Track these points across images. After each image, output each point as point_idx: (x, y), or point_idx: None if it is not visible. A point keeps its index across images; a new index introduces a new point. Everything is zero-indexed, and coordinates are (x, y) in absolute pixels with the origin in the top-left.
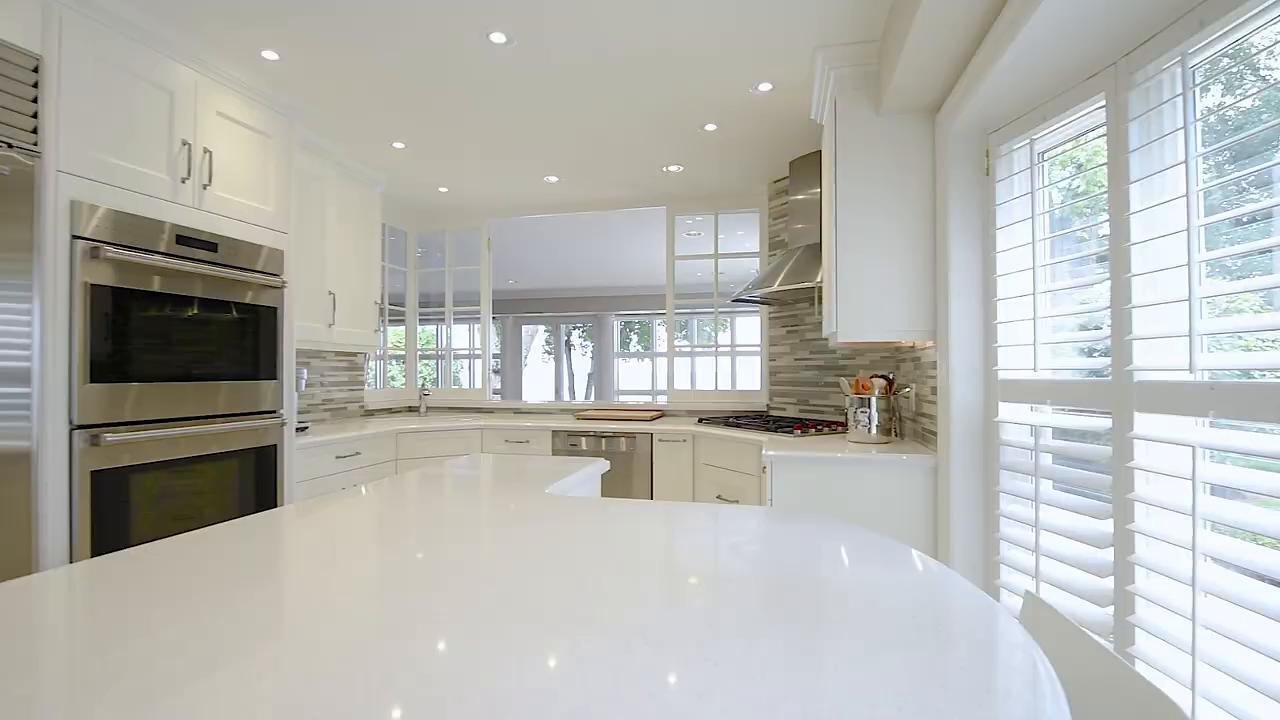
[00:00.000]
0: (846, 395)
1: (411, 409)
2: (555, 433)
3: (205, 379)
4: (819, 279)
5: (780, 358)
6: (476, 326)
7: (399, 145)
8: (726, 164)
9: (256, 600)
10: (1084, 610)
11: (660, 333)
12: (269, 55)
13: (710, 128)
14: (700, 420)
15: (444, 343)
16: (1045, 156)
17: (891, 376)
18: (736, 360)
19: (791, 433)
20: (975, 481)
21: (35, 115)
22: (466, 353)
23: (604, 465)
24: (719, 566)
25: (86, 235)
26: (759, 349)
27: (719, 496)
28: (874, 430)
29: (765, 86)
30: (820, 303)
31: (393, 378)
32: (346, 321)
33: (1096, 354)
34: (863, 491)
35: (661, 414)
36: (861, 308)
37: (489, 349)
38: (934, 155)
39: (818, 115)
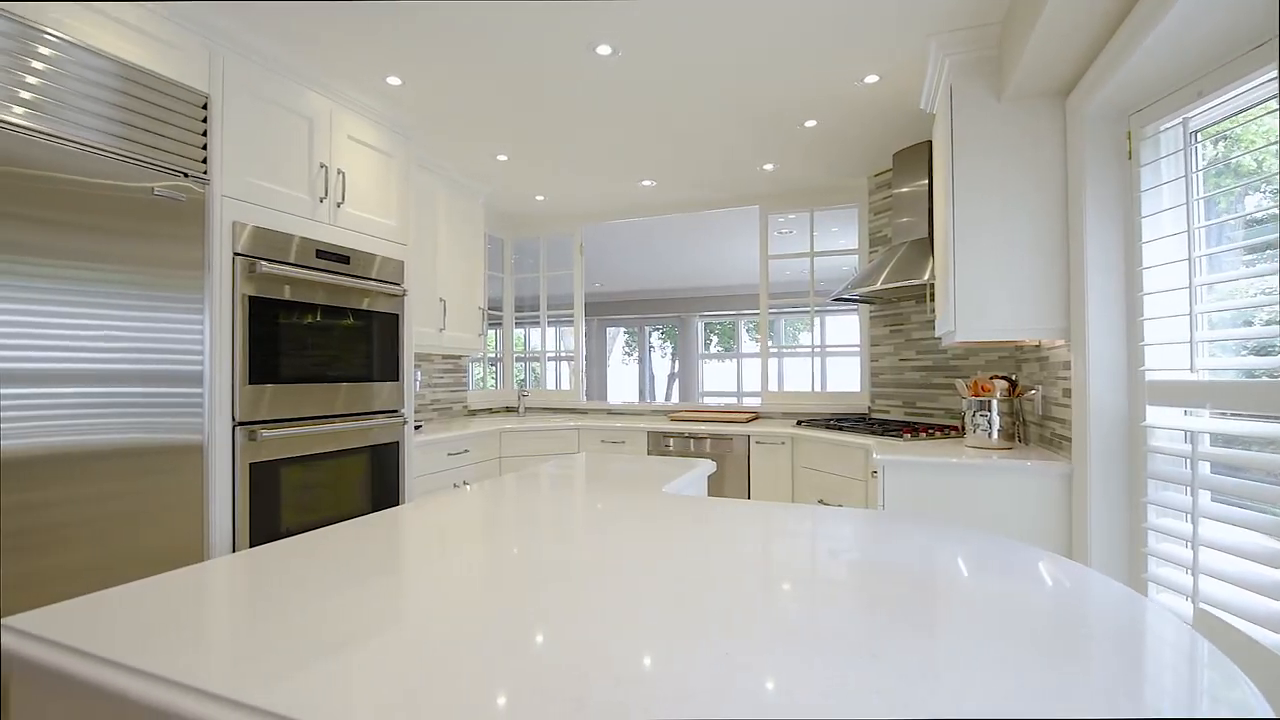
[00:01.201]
0: (963, 398)
1: (510, 409)
2: (650, 433)
3: (338, 380)
4: (927, 275)
5: (883, 358)
6: (562, 329)
7: (502, 157)
8: (824, 160)
9: (413, 581)
10: (1255, 635)
11: (743, 333)
12: (393, 81)
13: (810, 124)
14: (799, 423)
15: (539, 345)
16: (1200, 136)
17: (1014, 378)
18: (827, 360)
19: (900, 436)
20: (1117, 491)
21: (204, 147)
22: (553, 355)
23: (711, 466)
24: (863, 567)
25: (244, 252)
26: (857, 349)
27: (820, 501)
28: (995, 435)
29: (871, 78)
30: (932, 300)
31: (480, 379)
32: (455, 326)
33: (1273, 352)
34: (983, 499)
35: (756, 416)
36: (982, 305)
37: (581, 351)
38: (1064, 140)
39: (927, 105)
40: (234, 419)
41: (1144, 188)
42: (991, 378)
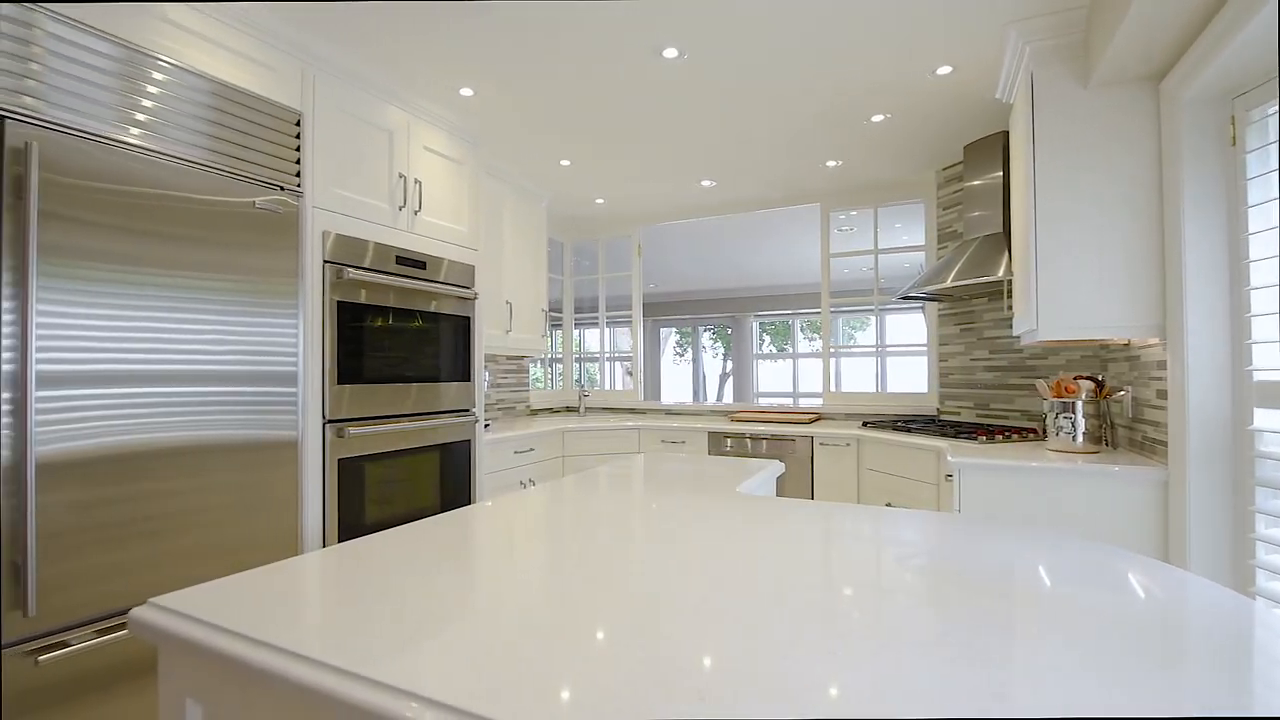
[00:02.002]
0: (1044, 399)
1: (570, 409)
2: (710, 434)
3: (415, 381)
4: (1002, 272)
5: (953, 358)
6: (615, 330)
7: (565, 162)
8: (890, 155)
9: (516, 571)
10: None
11: (798, 333)
12: (466, 92)
13: (878, 119)
14: (864, 424)
15: (593, 346)
16: None
17: (1100, 378)
18: (888, 360)
19: (974, 439)
20: (1220, 499)
21: (298, 162)
22: (609, 355)
23: (780, 468)
24: (958, 570)
25: (333, 260)
26: (920, 348)
27: (887, 503)
28: (1080, 438)
29: (945, 70)
30: (1008, 298)
31: (537, 379)
32: (520, 328)
33: None
34: (1067, 505)
35: (818, 416)
36: (1067, 302)
37: (640, 352)
38: (1158, 127)
39: (1004, 95)
40: (324, 417)
41: (1250, 175)
42: (1076, 378)
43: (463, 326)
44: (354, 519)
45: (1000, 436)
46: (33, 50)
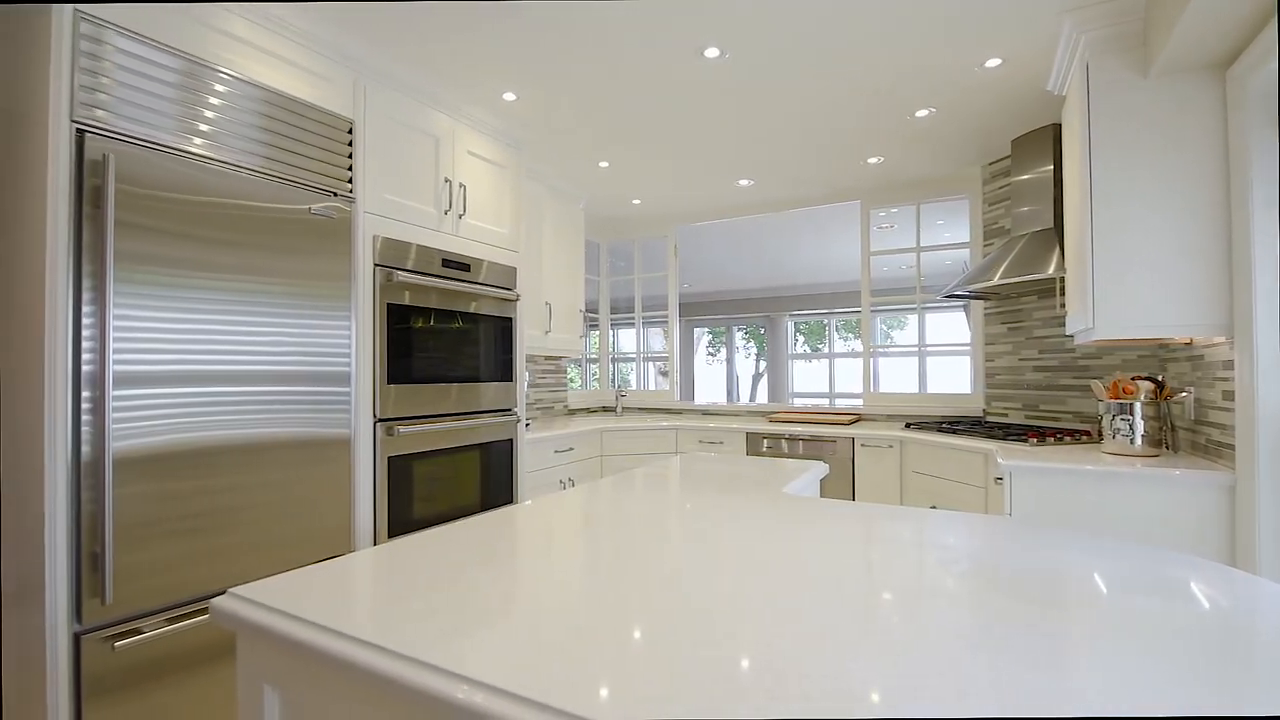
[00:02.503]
0: (1100, 400)
1: (606, 409)
2: (749, 434)
3: (459, 381)
4: (1053, 269)
5: (999, 358)
6: (647, 330)
7: (604, 164)
8: (934, 150)
9: (580, 565)
10: None
11: (832, 333)
12: (508, 96)
13: (922, 114)
14: (907, 425)
15: (627, 347)
16: None
17: (1160, 379)
18: (927, 360)
19: (1025, 441)
20: None
21: (350, 169)
22: (634, 356)
23: (824, 469)
24: (1025, 574)
25: (382, 263)
26: (965, 348)
27: (932, 506)
28: (1139, 441)
29: (994, 62)
30: (1060, 295)
31: (571, 379)
32: (559, 328)
33: None
34: (1125, 510)
35: (858, 417)
36: (1126, 300)
37: (676, 352)
38: (1224, 116)
39: (1055, 86)
40: (375, 416)
41: None
42: (1134, 378)
43: (505, 327)
44: (403, 515)
45: (1052, 439)
46: (103, 65)
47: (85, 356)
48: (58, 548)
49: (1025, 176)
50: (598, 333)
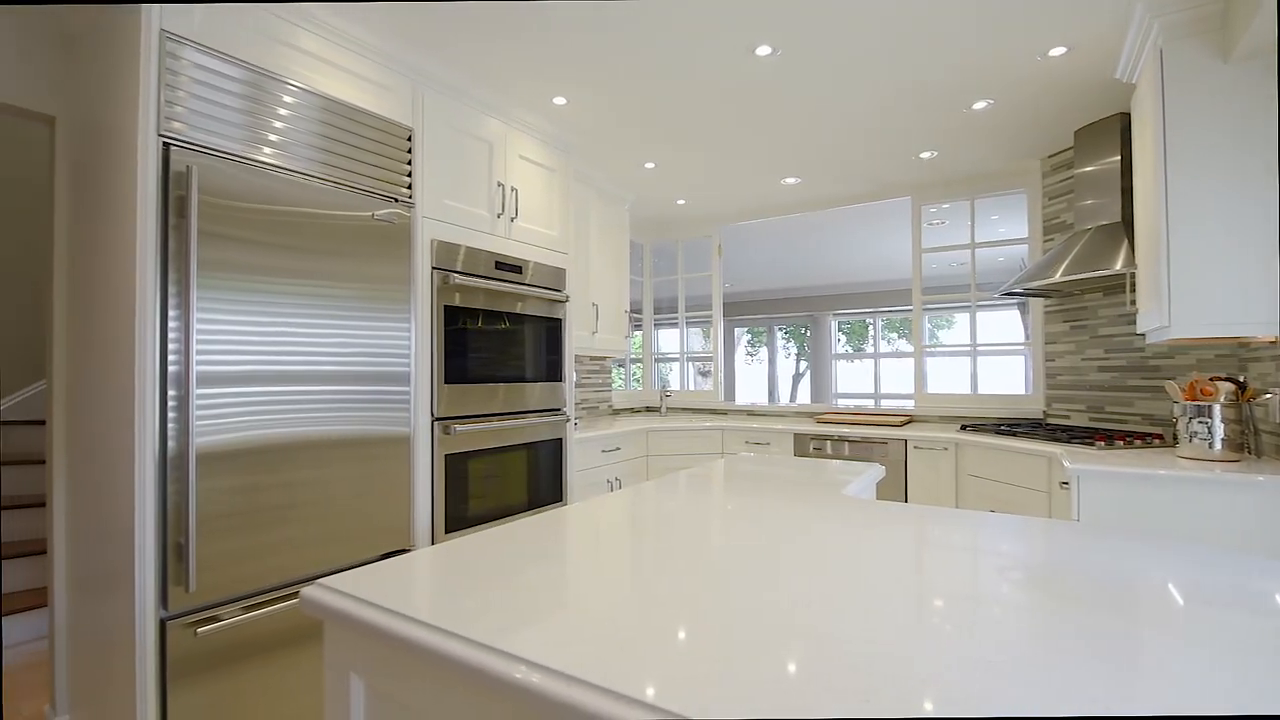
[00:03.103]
0: (1175, 402)
1: (650, 409)
2: (797, 435)
3: (511, 381)
4: (1120, 264)
5: (1061, 357)
6: (688, 330)
7: (649, 165)
8: (991, 143)
9: (651, 562)
10: None
11: (875, 332)
12: (559, 101)
13: (980, 106)
14: (963, 427)
15: (668, 347)
16: None
17: (1242, 379)
18: (979, 360)
19: (1091, 444)
20: None
21: (409, 175)
22: (677, 356)
23: (880, 471)
24: (1107, 580)
25: (439, 266)
26: (1019, 348)
27: (991, 512)
28: (1218, 445)
29: (1058, 51)
30: (1132, 291)
31: (613, 380)
32: (605, 329)
33: None
34: (1203, 518)
35: (910, 418)
36: (1205, 297)
37: (719, 352)
38: None
39: (1125, 74)
40: (433, 415)
41: None
42: (1213, 379)
43: (555, 328)
44: (458, 511)
45: (1121, 442)
46: (182, 80)
47: (171, 358)
48: (147, 538)
49: (1090, 168)
50: (640, 333)
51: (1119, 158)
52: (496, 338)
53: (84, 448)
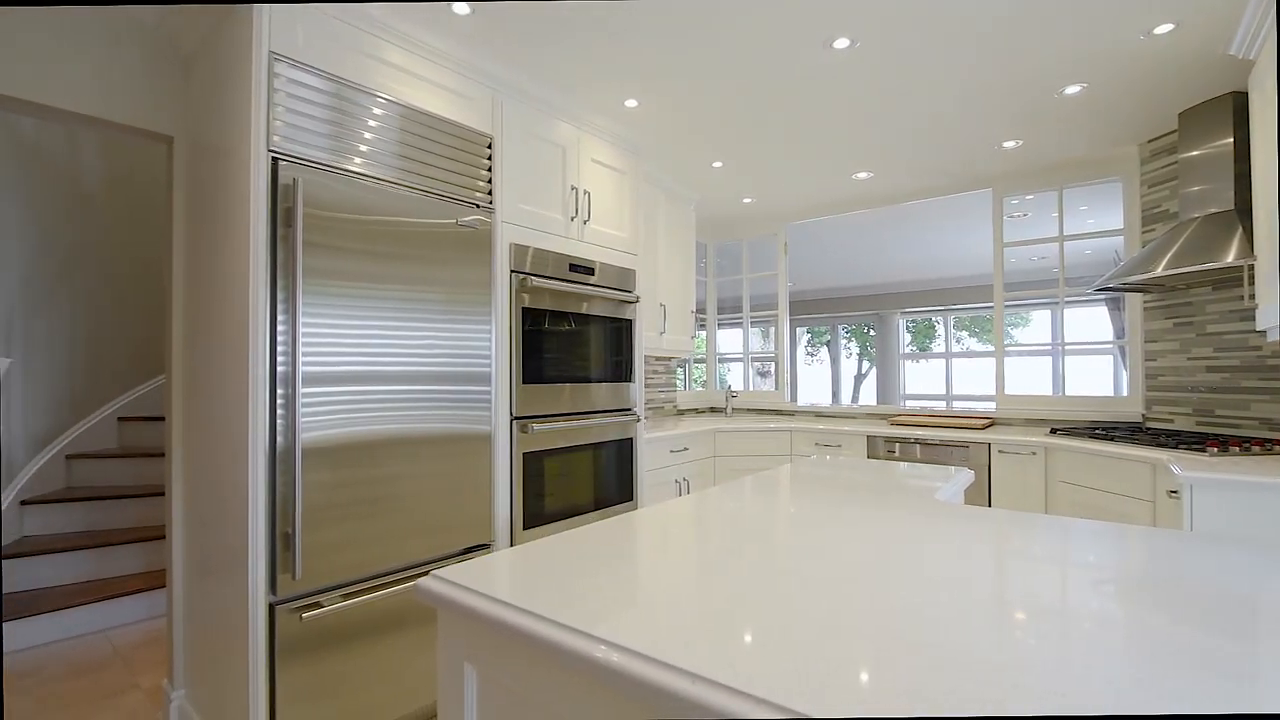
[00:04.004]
0: None
1: (715, 409)
2: (870, 437)
3: (584, 381)
4: (1233, 256)
5: (1163, 357)
6: (749, 330)
7: (717, 164)
8: (1083, 129)
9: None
10: None
11: (942, 331)
12: (630, 103)
13: (1072, 90)
14: (1053, 430)
15: (729, 347)
16: None
17: None
18: (1065, 359)
19: (1203, 450)
20: None
21: (490, 181)
22: (738, 356)
23: (970, 475)
24: (1250, 594)
25: (518, 269)
26: (1109, 346)
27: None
28: None
29: (1164, 28)
30: (1250, 285)
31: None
32: (672, 329)
33: None
34: None
35: (992, 421)
36: None
37: (786, 352)
38: None
39: (1241, 50)
40: (512, 414)
41: None
42: None
43: (625, 328)
44: (534, 507)
45: (1237, 448)
46: (283, 97)
47: (279, 359)
48: (258, 528)
49: (1197, 153)
50: (703, 333)
51: (1232, 140)
52: (570, 338)
53: (199, 442)
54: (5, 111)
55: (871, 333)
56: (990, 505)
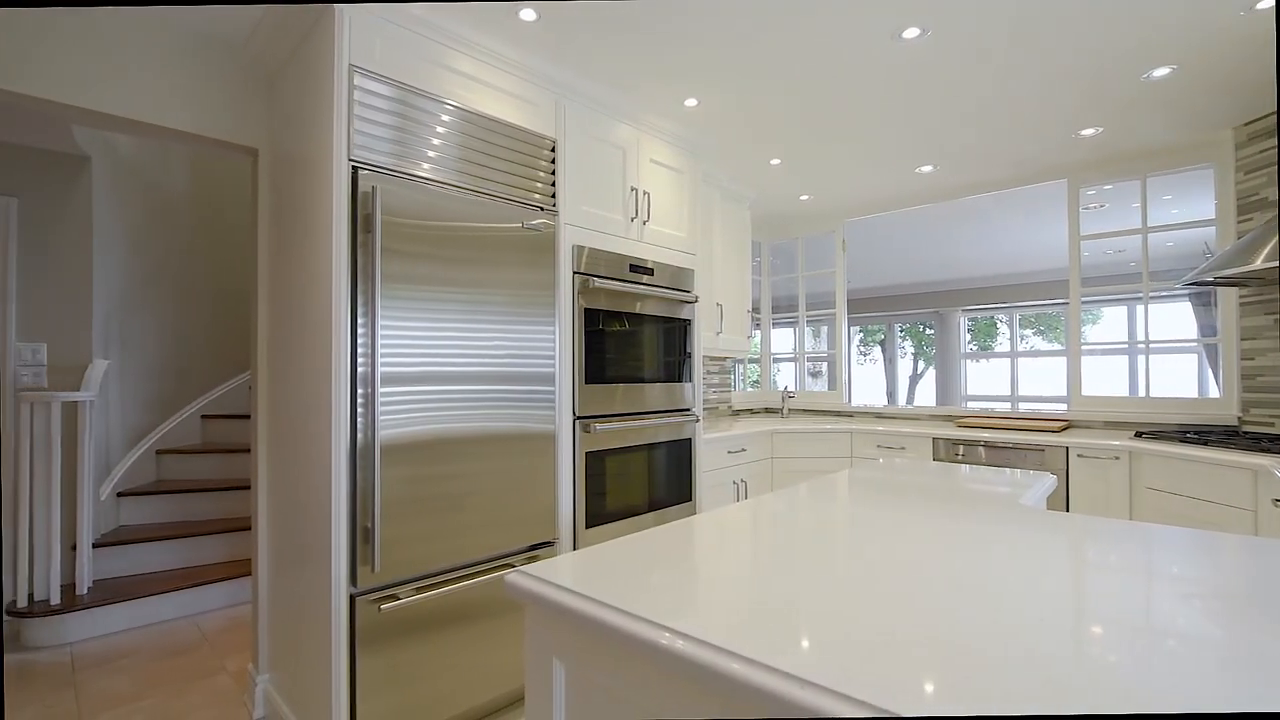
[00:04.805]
0: None
1: (769, 410)
2: (936, 440)
3: (644, 381)
4: None
5: (1263, 355)
6: (799, 331)
7: (775, 162)
8: (1170, 113)
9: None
10: None
11: (1004, 330)
12: (690, 103)
13: (1160, 73)
14: (1138, 434)
15: (799, 347)
16: None
17: None
18: (1150, 359)
19: None
20: None
21: (553, 184)
22: (789, 356)
23: (1052, 481)
24: None
25: (580, 270)
26: (1193, 344)
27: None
28: None
29: (1266, 3)
30: None
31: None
32: (729, 329)
33: None
34: None
35: (1068, 423)
36: None
37: (844, 352)
38: None
39: None
40: (574, 413)
41: None
42: None
43: (684, 328)
44: (597, 506)
45: None
46: (360, 107)
47: (359, 360)
48: (340, 522)
49: None
50: (758, 332)
51: None
52: (629, 338)
53: (283, 439)
54: (108, 130)
55: (928, 331)
56: (1068, 511)
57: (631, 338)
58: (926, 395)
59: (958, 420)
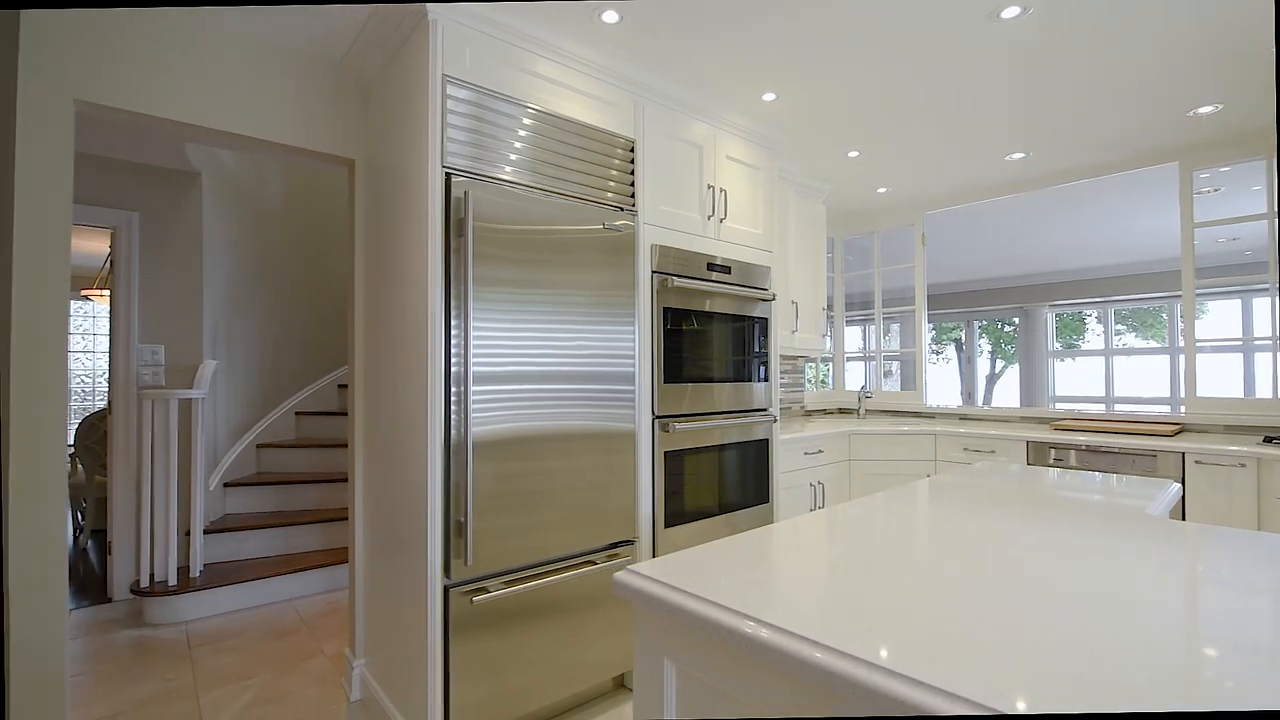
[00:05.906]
0: None
1: (844, 410)
2: (1031, 443)
3: (721, 380)
4: None
5: None
6: (868, 329)
7: (853, 154)
8: None
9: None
10: None
11: (1094, 326)
12: (768, 97)
13: None
14: (1267, 439)
15: (878, 345)
16: None
17: None
18: (1255, 357)
19: None
20: None
21: (632, 184)
22: (859, 355)
23: (1176, 489)
24: None
25: (659, 270)
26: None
27: None
28: None
29: None
30: None
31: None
32: (804, 328)
33: None
34: None
35: (1181, 426)
36: None
37: (924, 351)
38: None
39: None
40: (653, 413)
41: None
42: None
43: (761, 327)
44: (675, 505)
45: None
46: (450, 115)
47: (453, 360)
48: (435, 515)
49: None
50: (833, 331)
51: None
52: (706, 337)
53: (379, 435)
54: (220, 146)
55: (1008, 329)
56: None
57: (708, 337)
58: (1005, 396)
59: (1053, 423)
